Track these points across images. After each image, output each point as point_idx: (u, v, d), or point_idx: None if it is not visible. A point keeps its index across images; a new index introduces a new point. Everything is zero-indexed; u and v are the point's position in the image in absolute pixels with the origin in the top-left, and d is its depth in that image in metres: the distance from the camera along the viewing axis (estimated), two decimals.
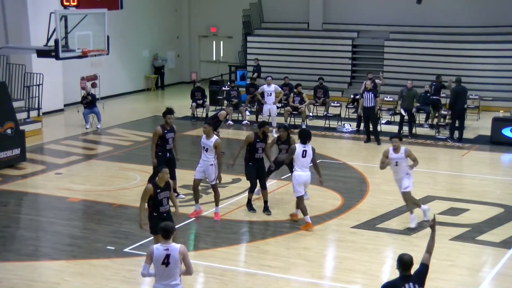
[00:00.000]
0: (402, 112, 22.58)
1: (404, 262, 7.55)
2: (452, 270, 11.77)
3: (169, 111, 14.75)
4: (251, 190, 14.63)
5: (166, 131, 14.64)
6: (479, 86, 27.54)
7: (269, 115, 22.52)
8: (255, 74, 28.90)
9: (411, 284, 7.47)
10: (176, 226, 13.34)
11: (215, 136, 14.07)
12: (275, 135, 21.80)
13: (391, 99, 24.58)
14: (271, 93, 22.64)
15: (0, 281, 11.05)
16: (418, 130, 22.58)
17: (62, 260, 12.12)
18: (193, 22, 34.89)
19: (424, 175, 17.48)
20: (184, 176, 16.14)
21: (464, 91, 21.94)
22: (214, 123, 19.09)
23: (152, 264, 8.26)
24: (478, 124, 24.31)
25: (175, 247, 8.20)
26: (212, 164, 13.98)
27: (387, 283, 7.65)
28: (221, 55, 35.33)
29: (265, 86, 22.80)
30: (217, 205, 14.22)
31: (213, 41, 35.39)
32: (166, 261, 8.13)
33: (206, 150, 13.96)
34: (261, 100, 23.18)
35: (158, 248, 8.18)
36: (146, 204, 11.02)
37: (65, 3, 18.08)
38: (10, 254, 12.33)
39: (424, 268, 7.74)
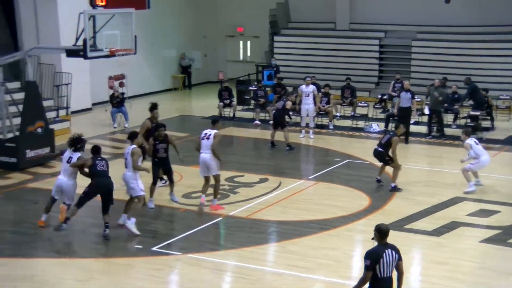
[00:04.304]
0: (426, 110, 22.52)
1: (383, 231, 8.47)
2: (479, 272, 11.64)
3: (154, 106, 15.94)
4: None
5: (153, 125, 15.59)
6: (510, 86, 27.25)
7: (307, 115, 22.21)
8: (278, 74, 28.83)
9: (389, 250, 8.44)
10: (203, 226, 13.48)
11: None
12: (301, 136, 21.84)
13: (419, 99, 24.40)
14: (309, 94, 21.96)
15: (32, 277, 11.17)
16: (446, 131, 22.36)
17: (90, 258, 12.21)
18: (220, 21, 34.96)
19: (452, 176, 17.32)
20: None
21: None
22: (284, 113, 20.34)
23: None
24: (509, 125, 24.05)
25: None
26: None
27: (371, 250, 8.43)
28: (248, 54, 35.37)
29: (303, 87, 22.37)
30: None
31: (240, 40, 35.43)
32: None
33: None
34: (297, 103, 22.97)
35: None
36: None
37: (96, 3, 18.16)
38: (41, 251, 12.47)
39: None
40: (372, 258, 8.32)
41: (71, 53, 17.90)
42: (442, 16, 29.71)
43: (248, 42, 35.24)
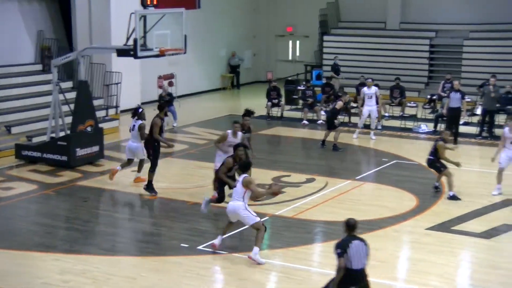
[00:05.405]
0: (479, 111, 22.18)
1: (350, 224, 9.23)
2: None
3: (246, 113, 15.91)
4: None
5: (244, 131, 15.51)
6: None
7: (368, 117, 22.04)
8: (339, 74, 28.76)
9: (357, 240, 9.10)
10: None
11: None
12: (355, 137, 21.72)
13: (469, 99, 24.07)
14: (371, 96, 21.77)
15: (83, 272, 11.39)
16: (498, 132, 21.95)
17: (138, 256, 12.38)
18: (270, 21, 35.02)
19: (503, 178, 17.02)
20: (258, 176, 16.21)
21: None
22: (334, 114, 20.35)
23: None
24: None
25: None
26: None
27: (339, 241, 9.15)
28: (297, 54, 35.35)
29: (365, 89, 22.12)
30: None
31: (289, 40, 35.44)
32: None
33: None
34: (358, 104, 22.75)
35: None
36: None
37: (147, 3, 18.31)
38: (92, 248, 12.66)
39: None
40: (340, 247, 9.03)
41: (122, 52, 18.08)
42: (496, 14, 29.21)
43: (298, 42, 35.22)
